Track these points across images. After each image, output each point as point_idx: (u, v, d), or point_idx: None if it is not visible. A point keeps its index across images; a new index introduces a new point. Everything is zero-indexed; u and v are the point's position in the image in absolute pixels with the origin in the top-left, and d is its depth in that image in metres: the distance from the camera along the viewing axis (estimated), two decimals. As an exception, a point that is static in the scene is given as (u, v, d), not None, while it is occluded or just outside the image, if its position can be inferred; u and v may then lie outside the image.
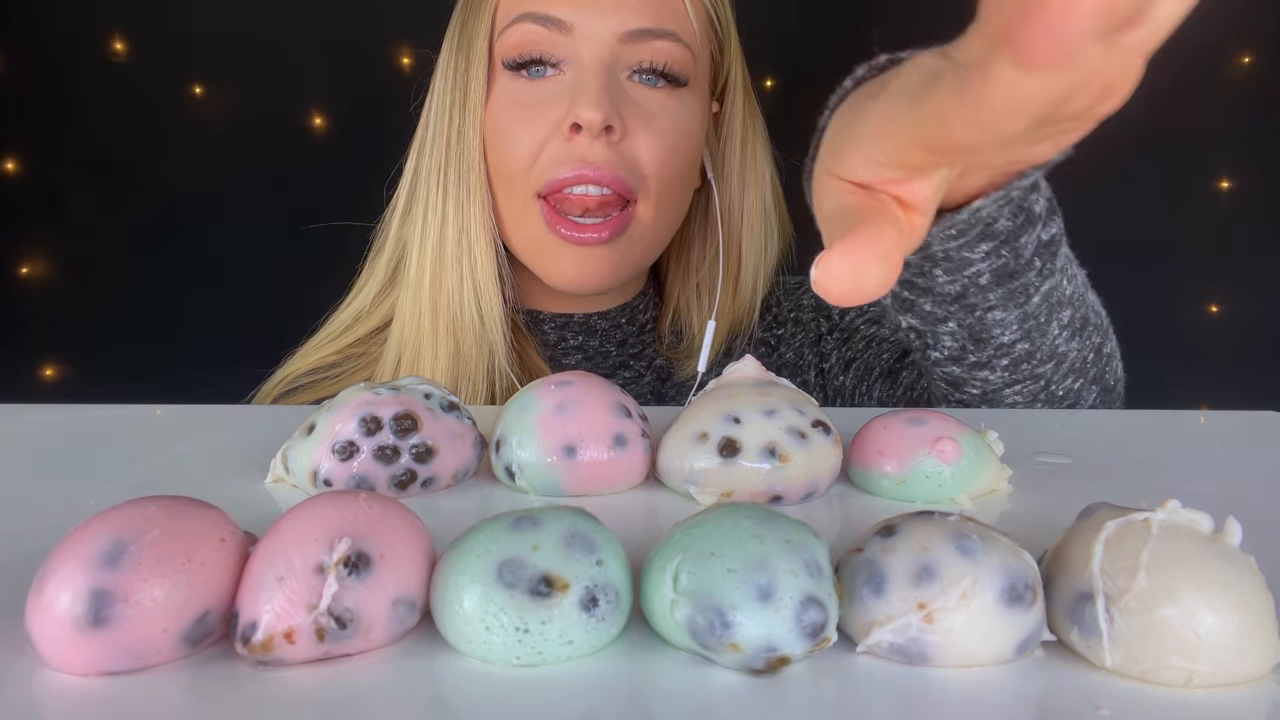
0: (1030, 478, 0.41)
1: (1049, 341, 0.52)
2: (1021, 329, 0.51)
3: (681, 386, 0.76)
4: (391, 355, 0.68)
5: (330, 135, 1.68)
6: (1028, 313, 0.50)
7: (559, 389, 0.38)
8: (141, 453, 0.44)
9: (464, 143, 0.66)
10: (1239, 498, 0.39)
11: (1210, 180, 1.78)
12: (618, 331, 0.75)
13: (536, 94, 0.64)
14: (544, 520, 0.26)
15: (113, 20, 1.63)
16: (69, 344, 1.72)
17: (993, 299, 0.48)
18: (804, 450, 0.36)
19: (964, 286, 0.47)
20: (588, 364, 0.74)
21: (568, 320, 0.73)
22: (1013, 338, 0.51)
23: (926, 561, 0.25)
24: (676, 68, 0.65)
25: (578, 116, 0.61)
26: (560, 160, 0.63)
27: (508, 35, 0.64)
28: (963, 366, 0.53)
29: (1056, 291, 0.50)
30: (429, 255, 0.67)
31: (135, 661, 0.24)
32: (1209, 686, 0.24)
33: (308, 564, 0.24)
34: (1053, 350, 0.53)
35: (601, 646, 0.25)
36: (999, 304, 0.49)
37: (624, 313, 0.75)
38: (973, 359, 0.52)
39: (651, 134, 0.64)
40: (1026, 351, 0.52)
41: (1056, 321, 0.51)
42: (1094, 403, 0.58)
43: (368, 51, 1.62)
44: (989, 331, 0.50)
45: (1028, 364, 0.53)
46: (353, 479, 0.36)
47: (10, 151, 1.66)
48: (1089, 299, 0.55)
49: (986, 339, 0.51)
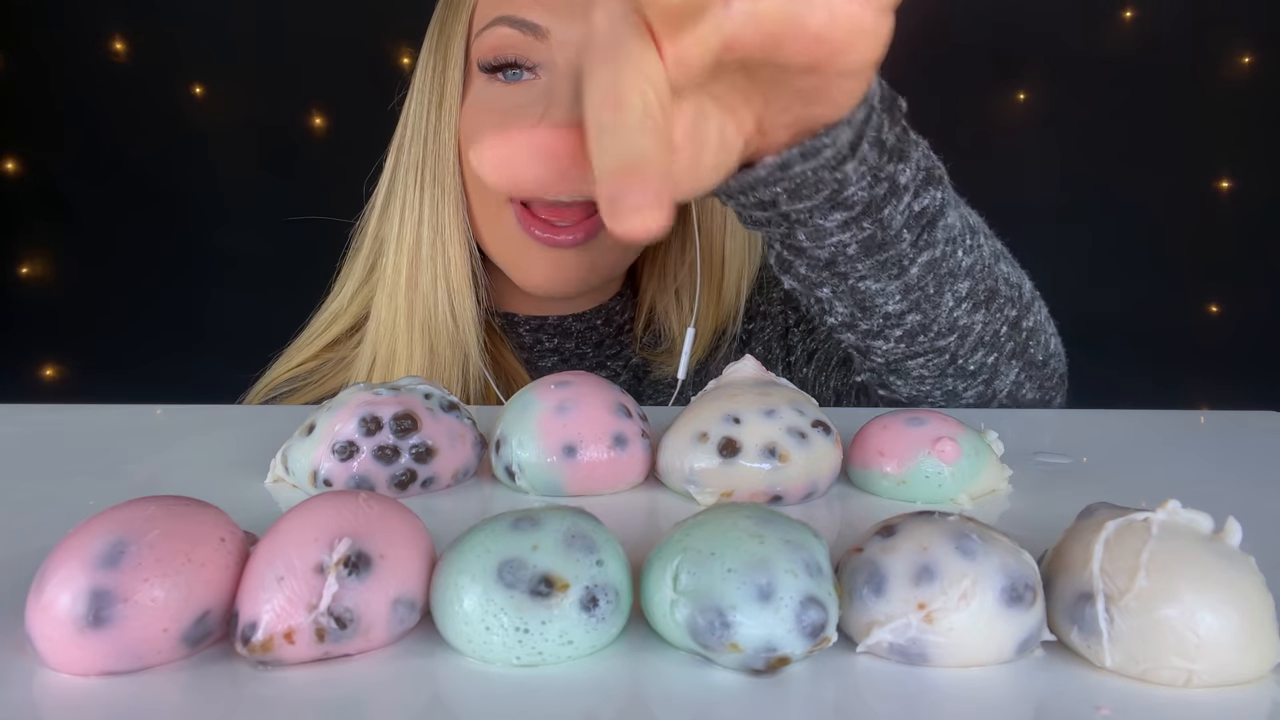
0: (1030, 478, 0.41)
1: (944, 314, 0.52)
2: (907, 300, 0.51)
3: (658, 385, 0.76)
4: (366, 355, 0.68)
5: (330, 135, 1.68)
6: (909, 284, 0.50)
7: (559, 389, 0.38)
8: (141, 453, 0.44)
9: (439, 143, 0.66)
10: (1239, 498, 0.39)
11: (1210, 180, 1.77)
12: (594, 333, 0.74)
13: (511, 98, 0.64)
14: (544, 520, 0.26)
15: (113, 20, 1.63)
16: (69, 344, 1.72)
17: (862, 269, 0.49)
18: (804, 450, 0.36)
19: (832, 254, 0.48)
20: (563, 366, 0.73)
21: (542, 323, 0.73)
22: (899, 308, 0.51)
23: (926, 561, 0.25)
24: None
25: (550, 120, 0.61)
26: None
27: (484, 38, 0.64)
28: (857, 334, 0.54)
29: (946, 263, 0.50)
30: (405, 255, 0.67)
31: (135, 661, 0.24)
32: (1209, 686, 0.24)
33: (308, 564, 0.24)
34: (951, 323, 0.52)
35: (601, 646, 0.25)
36: (870, 274, 0.49)
37: (600, 314, 0.74)
38: (864, 327, 0.53)
39: None
40: (920, 323, 0.52)
41: (951, 294, 0.51)
42: (1020, 379, 0.57)
43: (368, 51, 1.62)
44: (872, 300, 0.51)
45: (924, 336, 0.53)
46: (353, 479, 0.36)
47: (10, 151, 1.66)
48: (999, 270, 0.54)
49: (871, 307, 0.51)
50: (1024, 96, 1.76)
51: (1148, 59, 1.69)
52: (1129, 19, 1.72)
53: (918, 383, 0.56)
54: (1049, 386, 0.60)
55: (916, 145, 0.47)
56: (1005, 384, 0.56)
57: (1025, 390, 0.58)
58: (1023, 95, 1.76)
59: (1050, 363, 0.59)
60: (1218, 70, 1.72)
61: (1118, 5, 1.72)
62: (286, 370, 0.71)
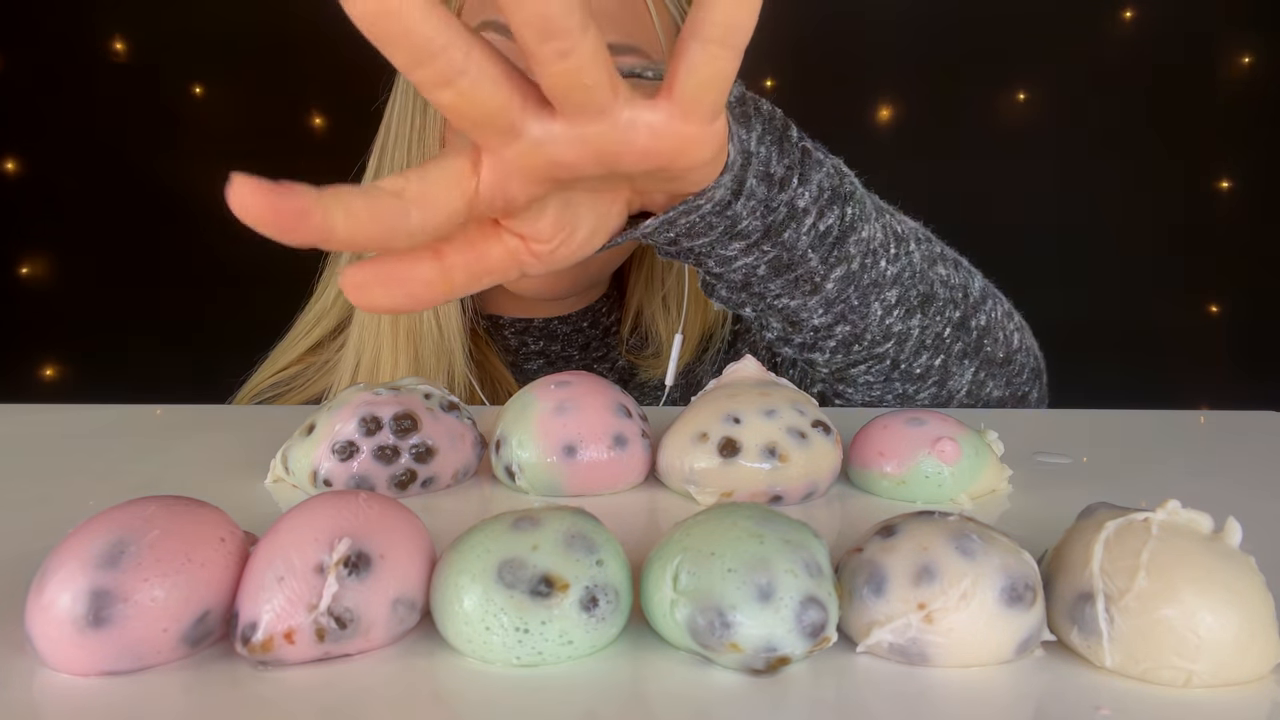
0: (1030, 478, 0.41)
1: (875, 322, 0.53)
2: (830, 313, 0.52)
3: (645, 388, 0.75)
4: (350, 358, 0.68)
5: (330, 135, 1.68)
6: (829, 299, 0.51)
7: (559, 389, 0.38)
8: (141, 453, 0.44)
9: (424, 148, 0.65)
10: (1239, 498, 0.39)
11: (1210, 180, 1.77)
12: (579, 336, 0.74)
13: None
14: (544, 520, 0.26)
15: (113, 20, 1.63)
16: (69, 344, 1.72)
17: (776, 288, 0.50)
18: (804, 450, 0.36)
19: (745, 276, 0.49)
20: (549, 369, 0.72)
21: (528, 325, 0.73)
22: (825, 321, 0.52)
23: (926, 561, 0.25)
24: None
25: None
26: None
27: None
28: (793, 348, 0.55)
29: (867, 274, 0.51)
30: None
31: (135, 661, 0.24)
32: (1209, 686, 0.24)
33: (308, 564, 0.24)
34: (885, 330, 0.53)
35: (601, 646, 0.25)
36: (785, 293, 0.51)
37: (586, 316, 0.74)
38: (798, 340, 0.54)
39: None
40: (850, 334, 0.53)
41: (879, 303, 0.52)
42: (980, 378, 0.57)
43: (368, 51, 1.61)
44: (796, 315, 0.52)
45: (859, 345, 0.54)
46: (353, 479, 0.36)
47: (10, 151, 1.66)
48: (936, 274, 0.55)
49: (798, 322, 0.52)
50: (1024, 96, 1.76)
51: (1148, 59, 1.69)
52: (1129, 19, 1.72)
53: (866, 389, 0.57)
54: (1018, 382, 0.59)
55: (820, 166, 0.48)
56: (962, 384, 0.57)
57: (990, 389, 0.58)
58: (1023, 95, 1.76)
59: (1016, 358, 0.59)
60: (1218, 70, 1.72)
61: (1118, 5, 1.72)
62: (270, 375, 0.71)
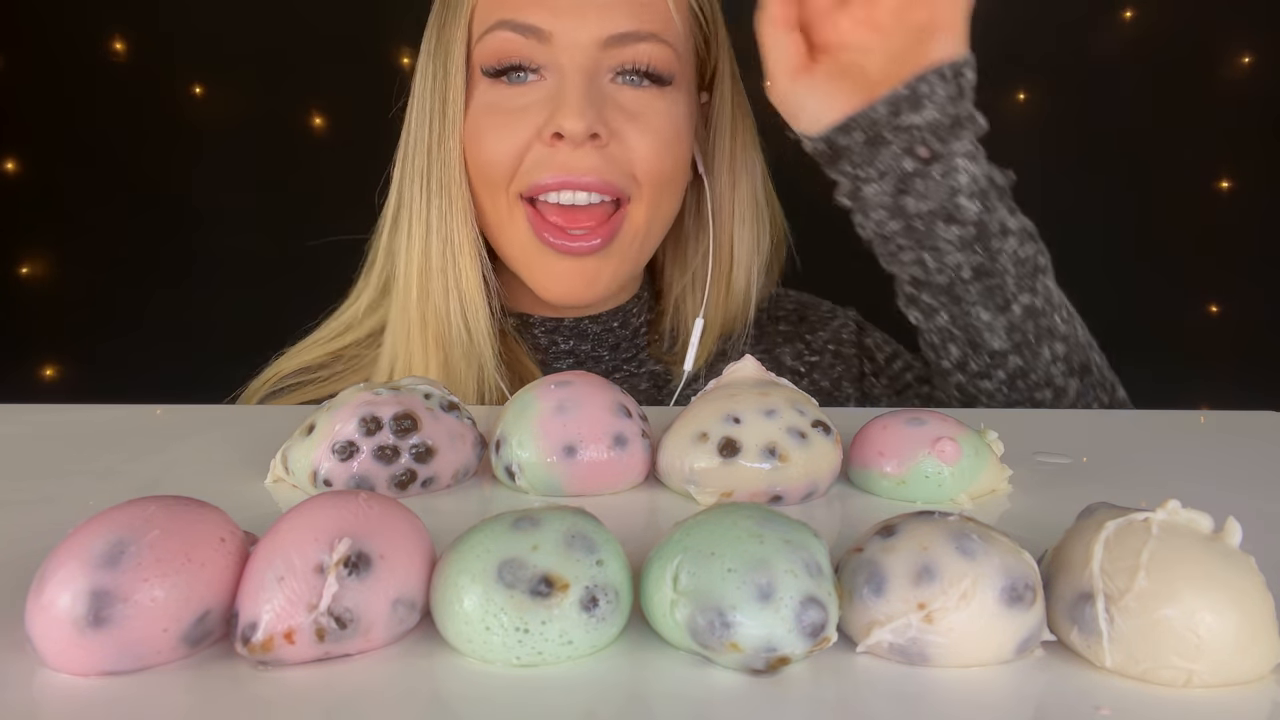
0: (1030, 478, 0.41)
1: (1043, 365, 0.58)
2: (1009, 340, 0.58)
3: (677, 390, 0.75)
4: (384, 367, 0.68)
5: (330, 135, 1.67)
6: (1012, 322, 0.57)
7: (559, 389, 0.38)
8: (141, 453, 0.44)
9: (445, 151, 0.65)
10: (1239, 498, 0.39)
11: (1210, 180, 1.77)
12: (610, 335, 0.73)
13: (517, 100, 0.63)
14: (544, 520, 0.25)
15: (113, 20, 1.63)
16: (69, 344, 1.72)
17: (973, 294, 0.57)
18: (804, 450, 0.36)
19: (950, 279, 0.55)
20: (579, 368, 0.71)
21: (558, 324, 0.72)
22: (1003, 347, 0.58)
23: (926, 561, 0.25)
24: (660, 68, 0.64)
25: (560, 126, 0.60)
26: (542, 165, 0.62)
27: (485, 42, 0.63)
28: (966, 375, 0.59)
29: (1044, 318, 0.57)
30: (415, 266, 0.66)
31: (135, 661, 0.24)
32: (1209, 686, 0.24)
33: (308, 564, 0.24)
34: (1048, 378, 0.58)
35: (601, 646, 0.25)
36: (980, 301, 0.57)
37: (617, 316, 0.73)
38: (973, 367, 0.59)
39: (640, 133, 0.63)
40: (1020, 368, 0.58)
41: (1049, 349, 0.58)
42: None
43: (368, 51, 1.62)
44: (980, 336, 0.57)
45: (1024, 381, 0.58)
46: (353, 479, 0.36)
47: (10, 151, 1.66)
48: (1094, 356, 0.61)
49: (979, 345, 0.58)
50: (1024, 96, 1.76)
51: (1147, 59, 1.69)
52: (1129, 19, 1.72)
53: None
54: None
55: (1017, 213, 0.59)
56: None
57: None
58: (1023, 95, 1.76)
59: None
60: (1218, 70, 1.72)
61: (1118, 5, 1.71)
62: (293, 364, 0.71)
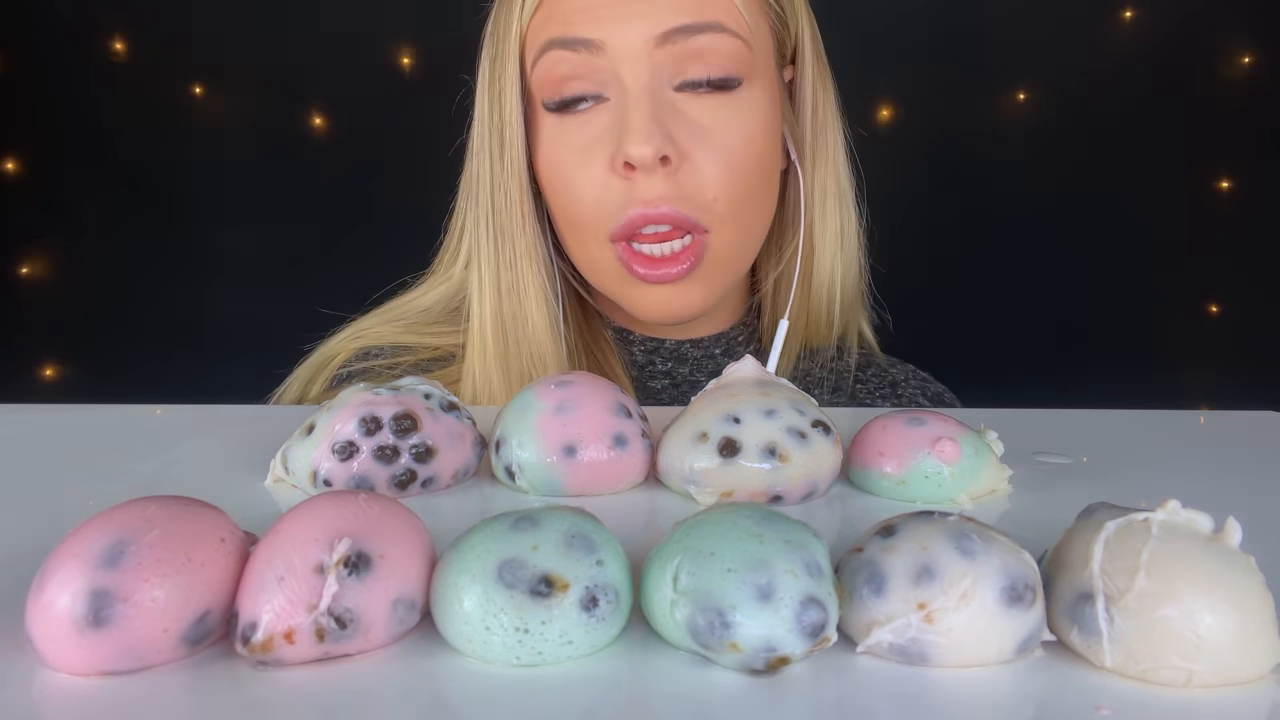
0: (1030, 478, 0.41)
1: None
2: None
3: None
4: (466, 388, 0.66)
5: (330, 135, 1.67)
6: None
7: (559, 389, 0.38)
8: (141, 453, 0.44)
9: (506, 197, 0.63)
10: (1239, 498, 0.39)
11: (1210, 180, 1.77)
12: (710, 362, 0.70)
13: (583, 132, 0.60)
14: (544, 520, 0.26)
15: (113, 20, 1.63)
16: (69, 344, 1.72)
17: None
18: (804, 450, 0.36)
19: None
20: (674, 392, 0.69)
21: (658, 345, 0.69)
22: None
23: (926, 561, 0.25)
24: (724, 69, 0.59)
25: (628, 155, 0.57)
26: (624, 203, 0.59)
27: (539, 69, 0.60)
28: None
29: None
30: (488, 316, 0.64)
31: (135, 661, 0.24)
32: (1209, 686, 0.24)
33: (308, 564, 0.24)
34: None
35: (601, 646, 0.25)
36: None
37: (719, 343, 0.70)
38: None
39: (710, 152, 0.59)
40: None
41: None
42: None
43: (368, 51, 1.62)
44: None
45: None
46: (353, 479, 0.36)
47: (10, 151, 1.66)
48: None
49: None
50: (1024, 96, 1.76)
51: (1147, 59, 1.69)
52: (1129, 19, 1.72)
53: None
54: None
55: None
56: None
57: None
58: (1023, 95, 1.76)
59: None
60: (1218, 70, 1.72)
61: (1118, 5, 1.72)
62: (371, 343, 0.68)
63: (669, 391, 0.69)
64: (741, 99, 0.60)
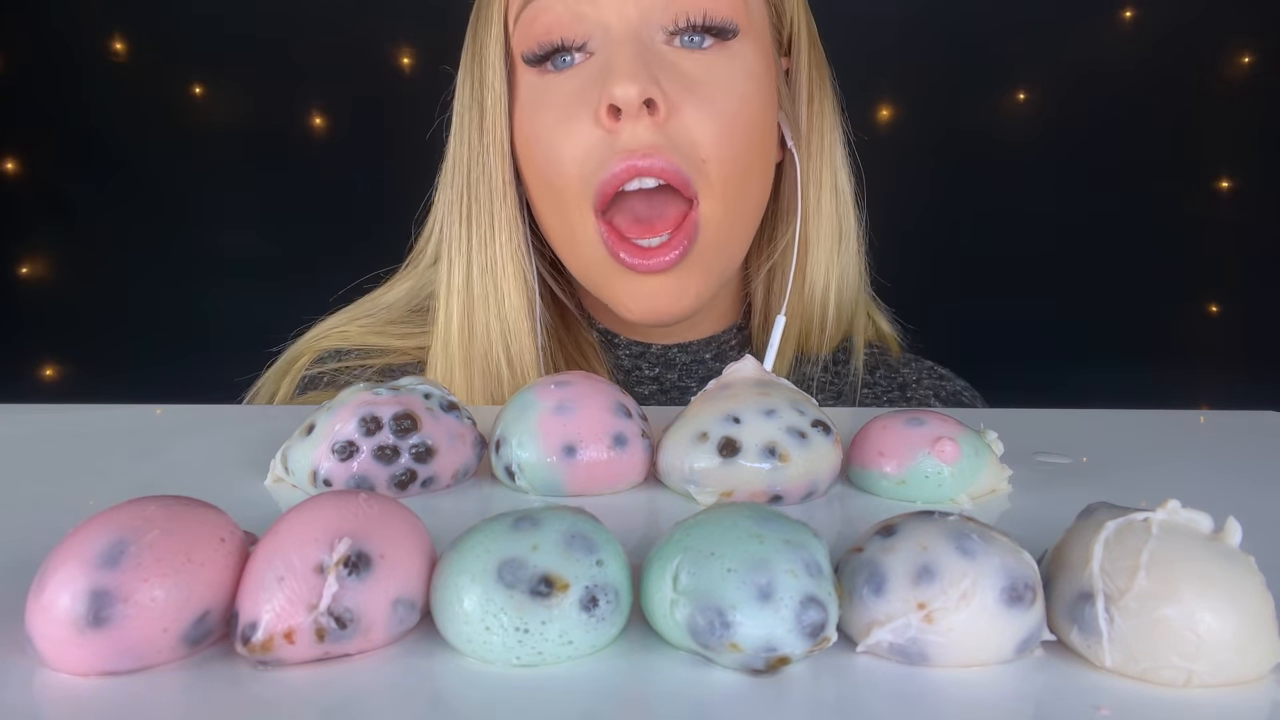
0: (1030, 478, 0.41)
1: None
2: None
3: None
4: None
5: (330, 135, 1.67)
6: None
7: (559, 389, 0.38)
8: (141, 453, 0.44)
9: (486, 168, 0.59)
10: (1239, 498, 0.39)
11: (1210, 180, 1.78)
12: (700, 367, 0.66)
13: (566, 87, 0.56)
14: (544, 520, 0.25)
15: (113, 20, 1.63)
16: (69, 344, 1.72)
17: None
18: (804, 450, 0.36)
19: None
20: (663, 397, 0.65)
21: (644, 350, 0.66)
22: None
23: (926, 561, 0.25)
24: (719, 15, 0.55)
25: (611, 96, 0.52)
26: (607, 156, 0.54)
27: (523, 20, 0.56)
28: None
29: None
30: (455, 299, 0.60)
31: (135, 661, 0.24)
32: (1209, 686, 0.24)
33: (308, 564, 0.24)
34: None
35: (601, 646, 0.25)
36: None
37: (709, 347, 0.66)
38: None
39: (702, 108, 0.55)
40: None
41: None
42: None
43: (368, 51, 1.62)
44: None
45: None
46: (353, 479, 0.36)
47: (10, 151, 1.66)
48: None
49: None
50: (1024, 96, 1.76)
51: (1148, 59, 1.69)
52: (1129, 19, 1.72)
53: None
54: None
55: None
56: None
57: None
58: (1023, 95, 1.76)
59: None
60: (1218, 70, 1.72)
61: (1118, 5, 1.72)
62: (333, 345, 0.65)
63: (656, 398, 0.65)
64: (735, 54, 0.57)
